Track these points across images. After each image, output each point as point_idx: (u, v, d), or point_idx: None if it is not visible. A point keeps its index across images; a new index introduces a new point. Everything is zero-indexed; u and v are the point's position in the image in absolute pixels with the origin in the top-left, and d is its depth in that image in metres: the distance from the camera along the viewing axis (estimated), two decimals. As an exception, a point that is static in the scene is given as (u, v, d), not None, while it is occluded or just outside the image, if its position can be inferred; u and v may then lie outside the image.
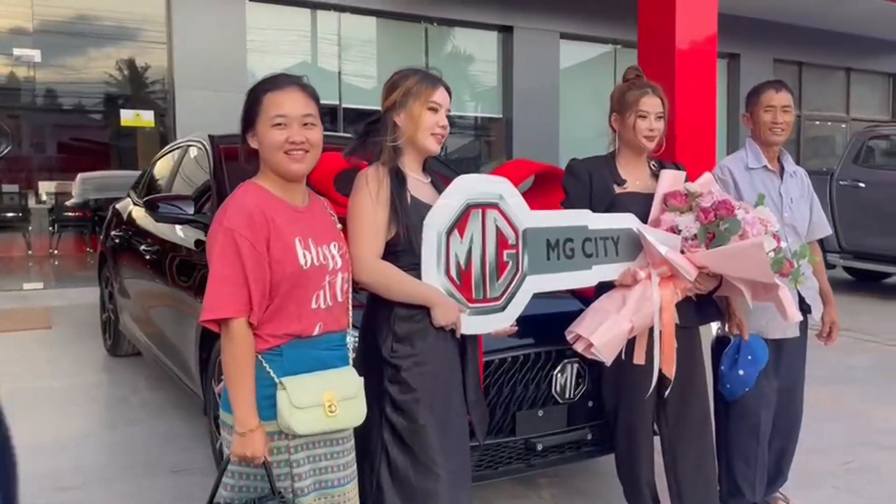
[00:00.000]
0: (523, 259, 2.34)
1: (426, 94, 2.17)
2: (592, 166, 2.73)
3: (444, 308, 2.12)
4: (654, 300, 2.45)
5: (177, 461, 3.57)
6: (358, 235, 2.06)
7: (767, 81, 3.02)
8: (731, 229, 2.42)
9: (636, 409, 2.70)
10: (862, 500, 3.20)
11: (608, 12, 10.03)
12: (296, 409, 1.74)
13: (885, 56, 13.33)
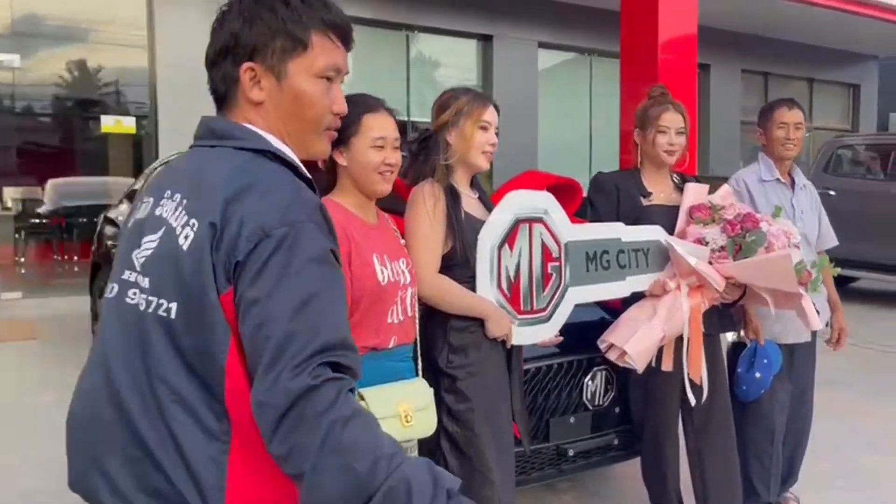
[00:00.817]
0: (566, 271, 2.43)
1: (477, 114, 2.25)
2: (619, 180, 2.84)
3: (498, 320, 2.19)
4: (683, 309, 2.55)
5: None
6: (418, 251, 2.12)
7: (780, 99, 3.17)
8: (757, 241, 2.53)
9: (663, 415, 2.79)
10: (869, 500, 3.34)
11: (584, 22, 10.22)
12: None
13: (846, 67, 13.80)
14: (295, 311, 1.06)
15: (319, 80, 1.24)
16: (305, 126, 1.25)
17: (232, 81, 1.24)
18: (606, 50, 10.72)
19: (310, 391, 1.02)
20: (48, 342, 6.19)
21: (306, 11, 1.22)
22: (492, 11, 9.62)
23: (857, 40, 12.68)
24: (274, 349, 1.04)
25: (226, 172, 1.16)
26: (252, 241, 1.08)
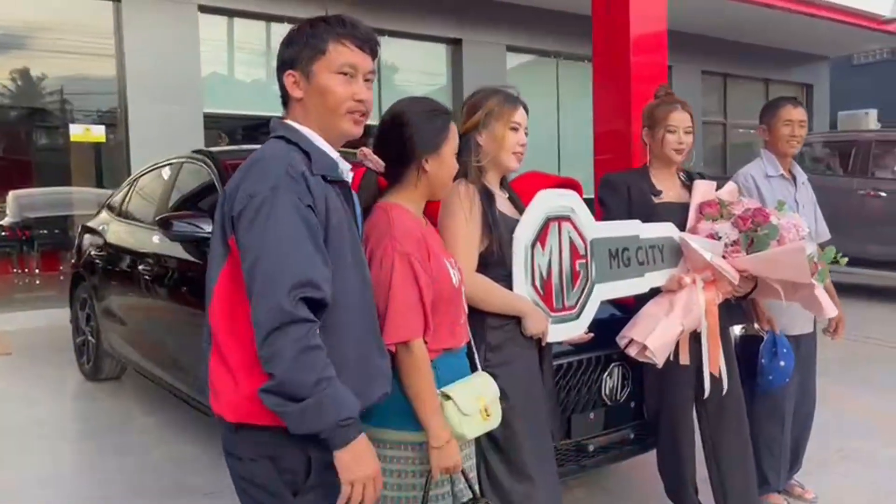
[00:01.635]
0: (591, 268, 2.48)
1: (508, 115, 2.27)
2: (629, 179, 2.90)
3: (536, 318, 2.22)
4: (700, 303, 2.62)
5: (205, 483, 3.51)
6: (458, 251, 2.12)
7: (783, 98, 3.27)
8: (770, 234, 2.62)
9: (678, 406, 2.85)
10: (868, 484, 3.46)
11: (550, 25, 10.35)
12: (465, 417, 1.81)
13: (799, 67, 14.24)
14: (274, 255, 1.46)
15: (338, 75, 1.64)
16: (331, 111, 1.64)
17: (284, 86, 1.68)
18: (572, 52, 10.89)
19: (290, 323, 1.43)
20: (24, 356, 6.03)
21: (326, 29, 1.65)
22: (460, 16, 9.68)
23: (809, 42, 13.09)
24: (261, 284, 1.45)
25: (252, 156, 1.62)
26: (242, 203, 1.51)
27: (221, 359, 1.57)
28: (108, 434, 4.23)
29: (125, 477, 3.63)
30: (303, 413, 1.44)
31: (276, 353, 1.42)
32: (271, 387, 1.45)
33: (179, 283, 3.99)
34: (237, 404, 1.55)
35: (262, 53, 8.75)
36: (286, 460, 1.55)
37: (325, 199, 1.56)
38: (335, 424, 1.46)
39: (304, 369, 1.43)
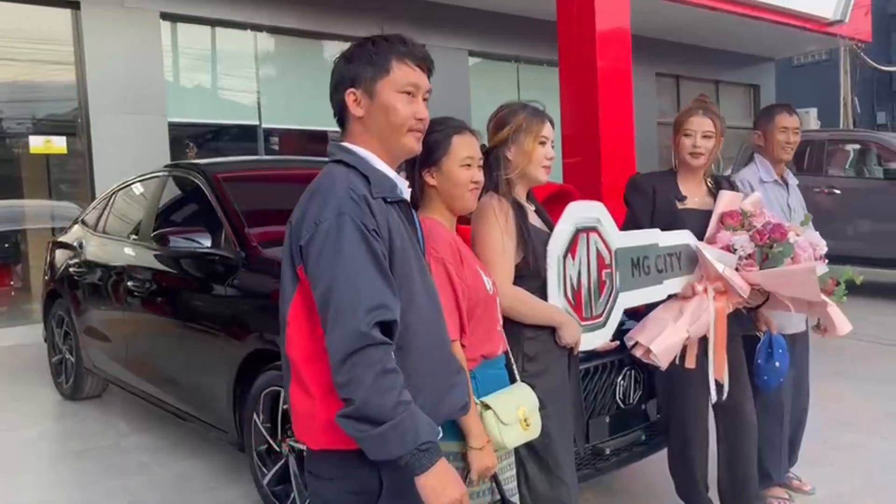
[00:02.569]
0: (616, 277, 2.54)
1: (537, 129, 2.31)
2: (656, 182, 2.94)
3: (570, 327, 2.28)
4: (709, 312, 2.68)
5: (214, 500, 3.48)
6: (495, 265, 2.16)
7: (779, 105, 3.37)
8: (784, 252, 2.69)
9: (690, 407, 2.93)
10: (861, 473, 3.61)
11: (511, 30, 10.47)
12: (504, 426, 1.85)
13: (747, 68, 14.69)
14: (345, 281, 1.46)
15: (401, 94, 1.65)
16: (394, 129, 1.65)
17: (343, 105, 1.67)
18: (532, 57, 11.03)
19: (367, 346, 1.43)
20: (-6, 377, 5.84)
21: (388, 47, 1.65)
22: (423, 21, 9.70)
23: (756, 44, 13.51)
24: (335, 310, 1.45)
25: (313, 183, 1.62)
26: (309, 231, 1.51)
27: (302, 387, 1.58)
28: (103, 454, 4.14)
29: (131, 497, 3.56)
30: (382, 438, 1.44)
31: (355, 377, 1.43)
32: (350, 412, 1.45)
33: (172, 299, 3.93)
34: (318, 432, 1.57)
35: (225, 62, 8.61)
36: (361, 482, 1.58)
37: (387, 222, 1.58)
38: (415, 449, 1.46)
39: (383, 393, 1.43)
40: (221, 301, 3.51)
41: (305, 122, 9.30)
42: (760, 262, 2.72)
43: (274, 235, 3.73)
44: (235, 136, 8.69)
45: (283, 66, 9.03)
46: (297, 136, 9.22)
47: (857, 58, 17.32)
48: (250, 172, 4.50)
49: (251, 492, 3.43)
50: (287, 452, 3.14)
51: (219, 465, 3.88)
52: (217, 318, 3.51)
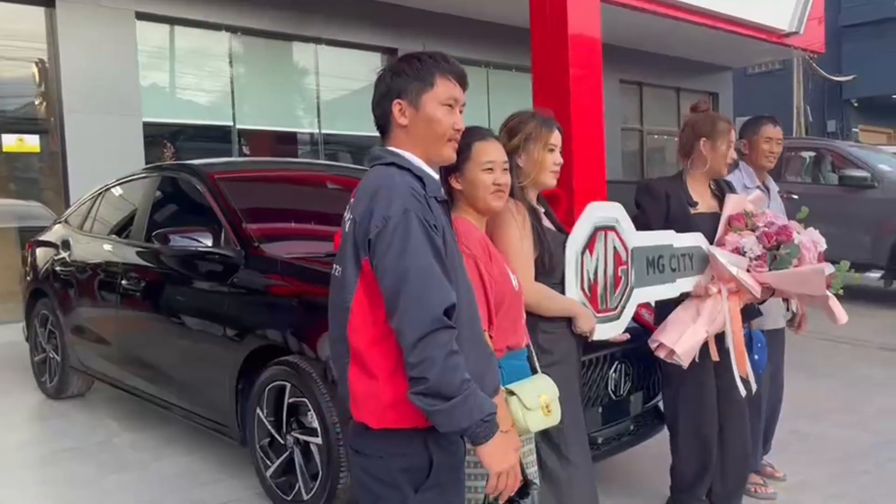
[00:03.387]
0: (631, 274, 2.73)
1: (545, 138, 2.48)
2: (668, 187, 3.05)
3: (586, 317, 2.47)
4: (724, 312, 2.88)
5: (215, 496, 3.55)
6: (517, 264, 2.32)
7: (764, 116, 3.57)
8: (792, 254, 2.89)
9: (704, 407, 3.04)
10: (826, 461, 3.86)
11: (481, 36, 10.65)
12: (528, 411, 2.01)
13: (706, 76, 15.14)
14: (414, 273, 1.61)
15: (443, 106, 1.80)
16: (436, 138, 1.81)
17: (388, 114, 1.81)
18: (501, 62, 11.24)
19: (439, 329, 1.59)
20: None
21: (432, 63, 1.81)
22: (396, 26, 9.84)
23: (714, 53, 13.93)
24: (408, 297, 1.59)
25: (370, 182, 1.75)
26: (378, 225, 1.64)
27: (364, 370, 1.71)
28: (95, 452, 4.17)
29: (130, 493, 3.61)
30: (452, 411, 1.59)
31: (428, 357, 1.57)
32: (423, 389, 1.59)
33: (171, 297, 4.00)
34: (381, 412, 1.70)
35: (200, 62, 8.62)
36: (413, 460, 1.72)
37: (441, 219, 1.73)
38: (480, 421, 1.61)
39: (452, 371, 1.58)
40: (223, 299, 3.60)
41: (278, 124, 9.36)
42: (770, 263, 2.90)
43: (271, 233, 3.84)
44: (210, 136, 8.71)
45: (257, 68, 9.07)
46: (270, 137, 9.27)
47: (809, 68, 17.98)
48: (243, 173, 4.58)
49: (253, 485, 3.53)
50: (292, 445, 3.25)
51: (217, 461, 3.95)
52: (219, 315, 3.59)
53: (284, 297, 3.42)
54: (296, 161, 7.61)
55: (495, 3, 9.71)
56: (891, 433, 4.19)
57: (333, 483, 3.04)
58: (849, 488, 3.50)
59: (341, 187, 4.55)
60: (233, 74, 8.75)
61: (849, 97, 21.13)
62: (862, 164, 8.14)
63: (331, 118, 9.69)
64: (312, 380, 3.08)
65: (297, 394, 3.18)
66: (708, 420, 3.05)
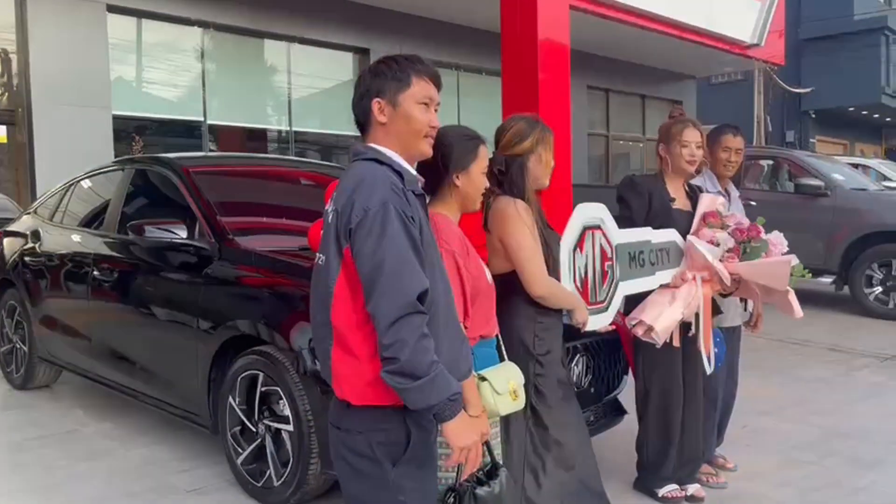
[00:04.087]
0: (616, 269, 2.93)
1: (551, 142, 2.65)
2: (650, 185, 3.29)
3: (583, 309, 2.67)
4: (698, 297, 3.12)
5: (186, 482, 3.61)
6: (530, 260, 2.52)
7: (727, 125, 3.73)
8: (761, 248, 3.17)
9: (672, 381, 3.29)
10: (776, 453, 4.05)
11: (453, 39, 10.80)
12: (498, 396, 2.15)
13: (670, 85, 15.50)
14: (390, 261, 1.72)
15: (419, 105, 1.91)
16: (413, 135, 1.92)
17: (368, 112, 1.92)
18: (471, 65, 11.40)
19: (413, 313, 1.71)
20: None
21: (408, 65, 1.92)
22: (368, 26, 9.93)
23: (679, 62, 14.28)
24: (385, 282, 1.71)
25: (352, 175, 1.85)
26: (359, 215, 1.75)
27: (347, 352, 1.82)
28: (64, 441, 4.20)
29: (101, 480, 3.66)
30: (421, 389, 1.71)
31: (400, 339, 1.69)
32: (395, 369, 1.70)
33: (144, 289, 4.05)
34: (362, 389, 1.81)
35: (172, 57, 8.62)
36: (392, 435, 1.83)
37: (418, 211, 1.84)
38: (446, 399, 1.74)
39: (423, 352, 1.70)
40: (197, 290, 3.67)
41: (249, 120, 9.39)
42: (741, 255, 3.17)
43: (245, 227, 3.92)
44: (180, 131, 8.71)
45: (228, 64, 9.10)
46: (240, 133, 9.30)
47: (770, 79, 18.48)
48: (217, 167, 4.64)
49: (223, 472, 3.61)
50: (264, 432, 3.34)
51: (187, 449, 4.02)
52: (193, 306, 3.66)
53: (258, 288, 3.50)
54: (269, 157, 7.66)
55: (467, 8, 9.87)
56: (833, 427, 4.42)
57: (304, 469, 3.14)
58: (793, 477, 3.70)
59: (314, 183, 4.64)
60: (204, 70, 8.77)
61: (807, 108, 21.76)
62: (816, 173, 8.44)
63: (301, 116, 9.75)
64: (285, 369, 3.18)
65: (269, 382, 3.27)
66: (675, 403, 3.28)
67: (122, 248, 4.24)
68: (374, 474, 1.84)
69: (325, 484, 3.26)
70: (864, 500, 3.46)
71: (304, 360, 3.10)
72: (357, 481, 1.88)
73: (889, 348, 6.48)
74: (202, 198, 3.93)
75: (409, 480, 1.85)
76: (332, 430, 1.93)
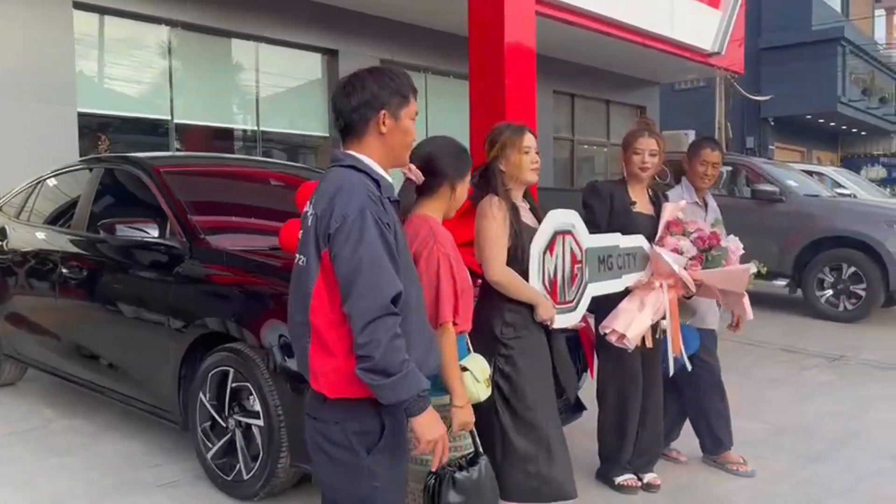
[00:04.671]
0: (585, 271, 3.08)
1: (518, 143, 2.85)
2: (612, 189, 3.48)
3: (545, 307, 2.81)
4: (665, 302, 3.30)
5: (154, 477, 3.67)
6: (490, 248, 2.72)
7: (706, 139, 3.94)
8: (722, 255, 3.37)
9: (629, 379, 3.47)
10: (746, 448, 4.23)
11: (421, 42, 10.90)
12: (477, 384, 2.33)
13: (635, 91, 15.78)
14: (367, 265, 1.83)
15: (412, 120, 2.08)
16: (405, 147, 2.09)
17: (367, 121, 2.01)
18: (439, 68, 11.51)
19: (386, 315, 1.82)
20: None
21: (405, 81, 2.06)
22: (336, 27, 9.98)
23: (643, 69, 14.56)
24: (361, 285, 1.82)
25: (331, 182, 1.96)
26: (338, 221, 1.85)
27: (323, 348, 1.93)
28: (33, 437, 4.22)
29: (73, 474, 3.70)
30: (393, 386, 1.83)
31: (375, 339, 1.80)
32: (369, 367, 1.82)
33: (114, 287, 4.09)
34: (337, 383, 1.93)
35: (138, 55, 8.58)
36: (366, 425, 1.95)
37: (393, 217, 1.97)
38: (416, 395, 1.87)
39: (395, 351, 1.82)
40: (168, 288, 3.73)
41: (216, 119, 9.39)
42: (704, 263, 3.35)
43: (216, 226, 3.99)
44: (146, 129, 8.68)
45: (196, 63, 9.08)
46: (207, 132, 9.29)
47: (730, 87, 18.92)
48: (187, 167, 4.68)
49: (194, 467, 3.68)
50: (234, 427, 3.42)
51: (157, 445, 4.07)
52: (164, 304, 3.72)
53: (229, 286, 3.57)
54: (237, 157, 7.69)
55: (435, 11, 9.98)
56: (783, 424, 4.62)
57: (274, 463, 3.23)
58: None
59: (282, 184, 4.72)
60: (171, 68, 8.74)
61: (766, 116, 22.30)
62: (772, 179, 8.73)
63: (269, 116, 9.77)
64: (255, 365, 3.26)
65: (240, 378, 3.35)
66: (631, 397, 3.48)
67: (92, 246, 4.27)
68: (349, 462, 1.95)
69: (294, 477, 3.35)
70: (809, 490, 3.65)
71: (275, 357, 3.19)
72: (333, 469, 1.99)
73: (838, 349, 6.75)
74: (173, 197, 3.98)
75: (382, 468, 1.97)
76: (308, 420, 2.04)
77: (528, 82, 7.57)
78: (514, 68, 7.45)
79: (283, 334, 3.17)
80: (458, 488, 2.14)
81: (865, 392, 5.42)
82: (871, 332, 7.67)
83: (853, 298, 8.05)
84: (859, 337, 7.36)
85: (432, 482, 2.15)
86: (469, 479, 2.17)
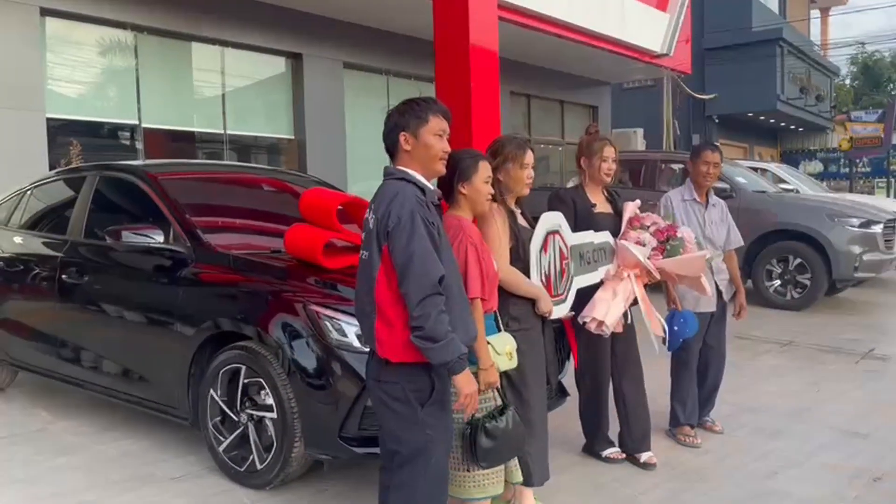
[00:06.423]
0: (571, 266, 3.43)
1: (520, 159, 3.17)
2: (574, 195, 3.85)
3: (546, 301, 3.15)
4: (635, 291, 3.68)
5: (167, 471, 3.85)
6: (495, 250, 3.01)
7: (706, 143, 4.41)
8: (679, 245, 3.74)
9: (602, 366, 3.90)
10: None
11: (382, 45, 11.12)
12: (498, 356, 2.74)
13: (587, 91, 16.27)
14: (417, 255, 2.34)
15: (435, 136, 2.54)
16: (430, 159, 2.55)
17: (396, 143, 2.56)
18: (401, 70, 11.74)
19: (435, 294, 2.33)
20: None
21: (427, 105, 2.56)
22: (301, 31, 10.12)
23: (595, 69, 15.04)
24: (415, 272, 2.33)
25: (387, 191, 2.47)
26: (394, 222, 2.37)
27: (387, 322, 2.44)
28: (33, 439, 4.35)
29: (80, 472, 3.85)
30: (440, 350, 2.35)
31: (426, 313, 2.33)
32: (422, 335, 2.34)
33: (119, 292, 4.24)
34: (399, 350, 2.42)
35: (106, 60, 8.60)
36: (419, 383, 2.47)
37: (436, 217, 2.43)
38: (457, 358, 2.38)
39: (441, 322, 2.34)
40: (176, 291, 3.91)
41: (184, 123, 9.45)
42: (665, 253, 3.73)
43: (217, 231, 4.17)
44: (115, 134, 8.71)
45: (162, 67, 9.12)
46: (175, 136, 9.36)
47: (677, 86, 19.59)
48: (183, 174, 4.84)
49: (201, 460, 3.87)
50: (246, 421, 3.63)
51: (161, 442, 4.24)
52: (172, 307, 3.89)
53: (239, 287, 3.76)
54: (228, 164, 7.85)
55: (398, 15, 10.21)
56: (742, 404, 5.02)
57: (288, 452, 3.46)
58: (711, 446, 4.27)
59: (276, 189, 4.92)
60: (138, 73, 8.78)
61: (711, 114, 23.07)
62: (723, 176, 9.20)
63: (236, 119, 9.87)
64: (268, 361, 3.48)
65: (252, 374, 3.56)
66: (604, 380, 3.94)
67: (95, 252, 4.41)
68: (407, 414, 2.46)
69: (306, 465, 3.58)
70: (769, 462, 4.04)
71: (286, 353, 3.42)
72: (396, 421, 2.49)
73: (787, 335, 7.25)
74: (175, 204, 4.16)
75: (433, 418, 2.48)
76: (373, 384, 2.55)
77: (493, 84, 7.84)
78: (478, 70, 7.71)
79: (292, 330, 3.41)
80: (489, 434, 2.64)
81: (814, 373, 5.89)
82: (816, 318, 8.21)
83: (799, 288, 8.60)
84: (806, 323, 7.88)
85: (468, 431, 2.65)
86: (497, 427, 2.67)
